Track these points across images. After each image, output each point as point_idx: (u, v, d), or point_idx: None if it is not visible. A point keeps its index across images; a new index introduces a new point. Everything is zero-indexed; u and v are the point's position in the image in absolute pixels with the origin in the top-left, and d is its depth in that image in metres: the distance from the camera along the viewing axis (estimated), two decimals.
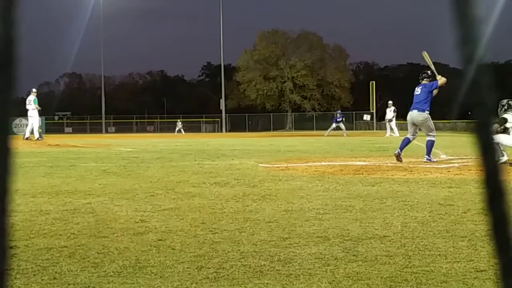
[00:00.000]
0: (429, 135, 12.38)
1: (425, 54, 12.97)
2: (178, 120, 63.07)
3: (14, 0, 0.62)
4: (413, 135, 12.49)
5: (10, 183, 0.63)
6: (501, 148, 11.28)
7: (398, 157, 12.00)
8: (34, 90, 24.53)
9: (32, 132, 24.48)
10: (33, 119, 24.20)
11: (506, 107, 11.62)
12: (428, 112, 12.33)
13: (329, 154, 15.38)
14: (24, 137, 23.97)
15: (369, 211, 5.92)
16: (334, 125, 37.27)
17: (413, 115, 12.46)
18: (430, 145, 12.24)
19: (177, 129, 60.45)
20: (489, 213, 0.63)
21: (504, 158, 11.07)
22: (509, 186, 0.76)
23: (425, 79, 12.59)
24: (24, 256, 4.09)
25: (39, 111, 24.53)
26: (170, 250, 4.30)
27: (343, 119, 38.56)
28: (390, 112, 35.22)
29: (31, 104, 23.90)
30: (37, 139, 23.89)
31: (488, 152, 0.64)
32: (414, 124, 12.49)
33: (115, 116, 78.62)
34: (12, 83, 0.62)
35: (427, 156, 12.12)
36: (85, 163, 13.00)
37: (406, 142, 12.35)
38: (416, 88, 12.55)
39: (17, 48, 0.62)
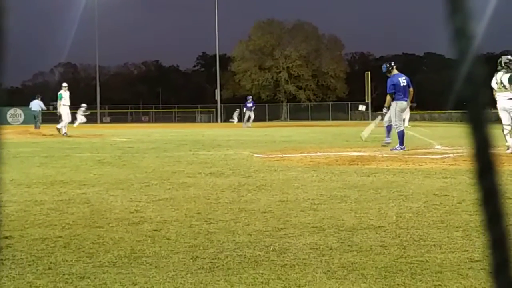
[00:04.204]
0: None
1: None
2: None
3: None
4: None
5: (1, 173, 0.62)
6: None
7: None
8: (64, 84, 23.39)
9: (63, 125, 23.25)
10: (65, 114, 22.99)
11: None
12: None
13: (324, 145, 15.40)
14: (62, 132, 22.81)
15: (364, 202, 5.93)
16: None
17: (404, 104, 12.95)
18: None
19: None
20: (479, 188, 0.65)
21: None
22: None
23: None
24: (19, 246, 4.09)
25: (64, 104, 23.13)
26: (165, 240, 4.30)
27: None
28: None
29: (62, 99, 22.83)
30: (64, 133, 22.80)
31: (478, 130, 0.65)
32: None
33: (110, 106, 78.31)
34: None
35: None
36: (80, 153, 12.97)
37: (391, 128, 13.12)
38: (401, 79, 12.64)
39: (6, 37, 0.61)
